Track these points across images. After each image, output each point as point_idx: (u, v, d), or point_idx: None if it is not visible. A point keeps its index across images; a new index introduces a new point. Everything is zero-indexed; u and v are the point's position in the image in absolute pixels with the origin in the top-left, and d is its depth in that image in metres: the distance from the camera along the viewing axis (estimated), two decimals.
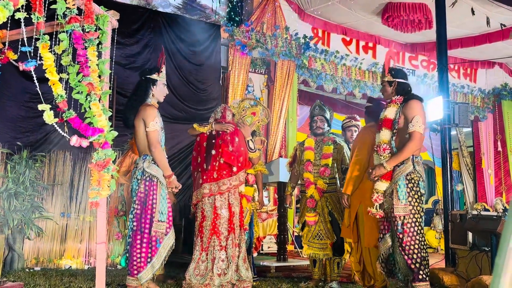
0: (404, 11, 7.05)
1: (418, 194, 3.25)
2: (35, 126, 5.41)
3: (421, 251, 3.20)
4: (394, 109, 3.43)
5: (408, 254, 3.17)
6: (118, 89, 5.81)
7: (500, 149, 9.54)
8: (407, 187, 3.24)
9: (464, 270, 4.44)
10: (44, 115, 2.65)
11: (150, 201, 3.32)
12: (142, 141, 3.40)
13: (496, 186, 9.53)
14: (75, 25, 2.84)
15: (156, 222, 3.32)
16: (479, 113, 9.52)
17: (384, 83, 3.60)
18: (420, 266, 3.13)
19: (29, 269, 4.92)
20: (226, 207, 3.87)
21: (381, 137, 3.42)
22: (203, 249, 3.85)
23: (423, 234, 3.28)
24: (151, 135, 3.33)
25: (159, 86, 3.59)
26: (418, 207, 3.24)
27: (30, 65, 2.67)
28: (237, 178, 3.94)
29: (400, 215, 3.20)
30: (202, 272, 3.80)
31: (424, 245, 3.25)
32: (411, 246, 3.17)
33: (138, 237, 3.30)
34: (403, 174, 3.25)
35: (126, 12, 5.53)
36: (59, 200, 5.32)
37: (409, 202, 3.22)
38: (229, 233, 3.84)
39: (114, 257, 5.39)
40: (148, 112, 3.38)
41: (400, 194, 3.23)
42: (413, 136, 3.25)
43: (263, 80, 7.53)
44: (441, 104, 5.33)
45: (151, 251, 3.30)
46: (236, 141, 3.98)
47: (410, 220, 3.21)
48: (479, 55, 9.05)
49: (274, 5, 7.34)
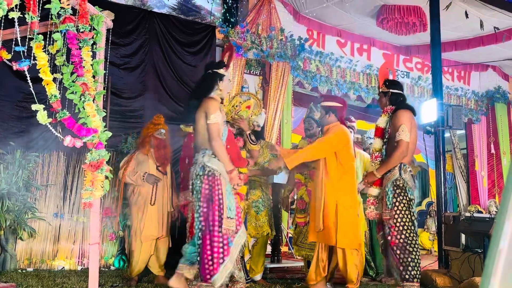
0: (399, 13, 7.07)
1: (405, 200, 3.44)
2: (28, 126, 5.38)
3: (409, 253, 3.36)
4: (385, 118, 3.66)
5: (395, 255, 3.37)
6: (112, 89, 5.79)
7: (493, 151, 9.60)
8: (394, 193, 3.46)
9: (457, 272, 4.46)
10: (38, 115, 2.64)
11: (216, 196, 3.11)
12: (202, 134, 3.27)
13: (489, 188, 9.58)
14: (69, 25, 2.84)
15: (226, 219, 3.09)
16: (472, 116, 9.58)
17: (380, 94, 3.79)
18: (408, 267, 3.29)
19: (22, 270, 4.89)
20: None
21: (373, 145, 3.70)
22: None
23: (413, 237, 3.43)
24: (212, 127, 3.18)
25: (225, 81, 3.46)
26: (405, 211, 3.43)
27: (24, 65, 2.66)
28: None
29: (387, 219, 3.44)
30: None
31: (414, 247, 3.39)
32: (399, 248, 3.37)
33: (207, 237, 3.06)
34: (390, 181, 3.48)
35: (121, 12, 5.51)
36: (52, 200, 5.29)
37: (396, 207, 3.43)
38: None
39: (108, 258, 5.37)
40: (211, 104, 3.25)
41: (388, 200, 3.47)
42: (399, 144, 3.45)
43: (258, 82, 7.53)
44: (435, 106, 5.36)
45: (223, 251, 3.06)
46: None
47: (398, 223, 3.41)
48: (472, 58, 9.11)
49: (269, 7, 7.34)
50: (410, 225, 3.43)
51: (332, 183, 3.62)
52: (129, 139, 5.60)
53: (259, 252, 4.46)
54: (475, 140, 9.75)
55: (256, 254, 4.45)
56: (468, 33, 7.97)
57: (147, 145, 4.39)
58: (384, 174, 3.55)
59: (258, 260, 4.47)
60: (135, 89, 6.29)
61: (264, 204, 4.43)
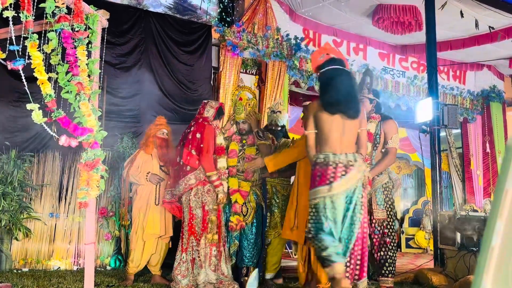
0: (394, 13, 7.09)
1: (391, 201, 3.84)
2: (23, 126, 5.36)
3: (389, 250, 3.72)
4: (374, 125, 3.88)
5: (378, 252, 3.71)
6: (108, 88, 5.77)
7: (488, 150, 9.63)
8: (383, 194, 3.81)
9: (453, 270, 4.48)
10: (33, 115, 2.63)
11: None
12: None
13: (485, 187, 9.62)
14: (65, 24, 2.83)
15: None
16: (468, 115, 9.61)
17: (365, 99, 3.92)
18: (385, 263, 3.63)
19: (17, 270, 4.88)
20: (200, 207, 3.90)
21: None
22: (183, 250, 3.89)
23: (394, 236, 3.79)
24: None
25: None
26: (391, 211, 3.81)
27: (19, 64, 2.65)
28: (194, 176, 3.91)
29: (379, 218, 3.75)
30: (184, 273, 3.84)
31: (394, 246, 3.76)
32: (383, 246, 3.71)
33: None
34: (381, 183, 3.81)
35: (117, 12, 5.51)
36: (47, 200, 5.27)
37: (385, 208, 3.78)
38: (203, 232, 3.86)
39: (104, 258, 5.35)
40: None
41: (379, 200, 3.79)
42: (390, 151, 3.81)
43: (254, 81, 7.52)
44: (431, 105, 5.37)
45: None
46: (198, 137, 3.97)
47: (386, 223, 3.76)
48: (468, 57, 9.14)
49: (265, 6, 7.34)
50: (393, 225, 3.81)
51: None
52: (124, 139, 5.59)
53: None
54: (471, 139, 9.78)
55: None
56: (463, 32, 7.99)
57: (151, 144, 4.43)
58: (374, 177, 3.85)
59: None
60: (130, 89, 6.27)
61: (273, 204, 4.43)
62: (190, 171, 3.92)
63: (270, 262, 4.40)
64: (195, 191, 3.92)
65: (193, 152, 3.92)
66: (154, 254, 4.38)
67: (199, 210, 3.89)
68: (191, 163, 3.92)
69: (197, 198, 3.91)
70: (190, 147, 3.94)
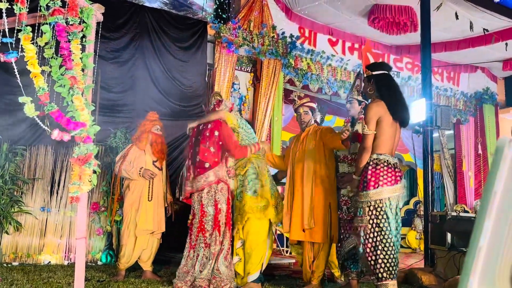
0: (390, 13, 7.11)
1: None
2: (15, 119, 5.32)
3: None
4: (360, 126, 3.85)
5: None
6: (102, 83, 5.74)
7: (480, 152, 9.71)
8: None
9: (442, 270, 4.51)
10: (25, 108, 2.61)
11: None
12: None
13: (476, 188, 9.69)
14: (59, 17, 2.80)
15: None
16: (461, 116, 9.67)
17: (354, 101, 4.03)
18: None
19: (7, 264, 4.85)
20: (212, 204, 3.87)
21: (354, 149, 3.90)
22: (191, 247, 3.87)
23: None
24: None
25: None
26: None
27: (11, 57, 2.62)
28: (213, 173, 3.90)
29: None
30: (189, 268, 3.81)
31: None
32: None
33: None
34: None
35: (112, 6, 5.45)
36: (39, 194, 5.24)
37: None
38: (213, 230, 3.84)
39: (95, 253, 5.34)
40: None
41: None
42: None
43: (249, 78, 7.52)
44: (424, 106, 5.40)
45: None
46: (216, 135, 3.95)
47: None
48: (462, 59, 9.19)
49: (261, 4, 7.33)
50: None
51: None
52: (118, 134, 5.57)
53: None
54: (463, 140, 9.85)
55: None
56: (458, 34, 8.04)
57: (144, 140, 4.42)
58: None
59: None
60: (124, 84, 6.25)
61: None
62: (209, 168, 3.89)
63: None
64: (207, 189, 3.90)
65: (212, 149, 3.91)
66: (145, 250, 4.37)
67: (211, 208, 3.86)
68: (209, 160, 3.89)
69: (209, 196, 3.88)
70: (207, 143, 3.92)
